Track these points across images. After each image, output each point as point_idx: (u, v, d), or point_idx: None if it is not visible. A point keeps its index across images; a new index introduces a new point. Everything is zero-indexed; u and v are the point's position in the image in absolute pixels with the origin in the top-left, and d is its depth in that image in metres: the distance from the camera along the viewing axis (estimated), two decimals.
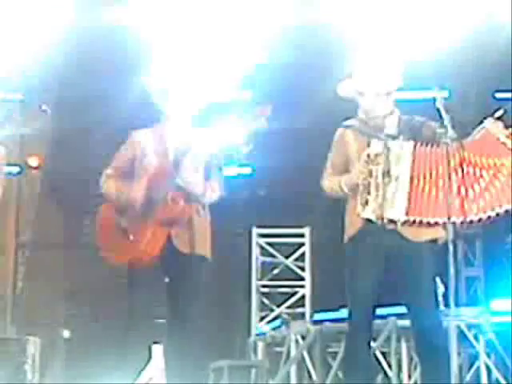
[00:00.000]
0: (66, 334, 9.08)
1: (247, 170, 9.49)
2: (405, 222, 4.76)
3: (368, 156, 4.80)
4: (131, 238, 4.75)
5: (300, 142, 8.13)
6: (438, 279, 6.73)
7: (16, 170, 8.76)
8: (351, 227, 4.91)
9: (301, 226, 9.23)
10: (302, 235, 9.27)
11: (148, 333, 4.83)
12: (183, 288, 4.79)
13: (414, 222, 4.76)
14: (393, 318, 6.79)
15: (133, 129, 5.07)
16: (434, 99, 4.96)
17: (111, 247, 4.86)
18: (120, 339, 4.88)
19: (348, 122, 5.08)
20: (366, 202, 4.77)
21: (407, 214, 4.74)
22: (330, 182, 5.02)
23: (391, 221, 4.75)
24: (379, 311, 5.08)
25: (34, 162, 4.82)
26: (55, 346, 8.81)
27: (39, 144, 8.21)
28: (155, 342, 4.89)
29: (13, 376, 5.78)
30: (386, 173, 4.78)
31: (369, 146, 4.85)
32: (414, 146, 4.77)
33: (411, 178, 4.75)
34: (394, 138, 4.88)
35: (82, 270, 9.28)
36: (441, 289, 6.92)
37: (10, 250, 8.15)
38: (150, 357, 4.80)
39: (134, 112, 5.16)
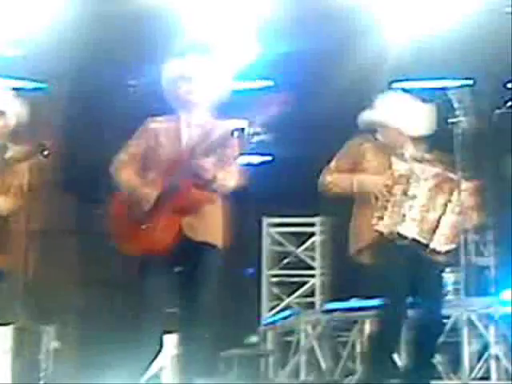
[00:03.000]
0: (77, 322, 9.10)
1: (258, 159, 9.45)
2: (414, 241, 4.89)
3: (393, 176, 4.88)
4: (144, 226, 4.72)
5: (314, 132, 8.06)
6: (448, 270, 6.76)
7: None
8: (362, 240, 5.07)
9: (312, 216, 9.19)
10: (312, 225, 9.24)
11: (159, 322, 4.78)
12: (194, 277, 4.79)
13: (422, 243, 4.96)
14: None
15: (148, 116, 5.03)
16: (447, 88, 5.01)
17: (123, 236, 4.84)
18: (132, 328, 4.85)
19: (367, 137, 5.19)
20: (382, 217, 4.90)
21: (418, 233, 4.97)
22: (337, 179, 5.10)
23: (402, 236, 4.85)
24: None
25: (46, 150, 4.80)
26: (67, 335, 8.80)
27: (50, 131, 8.19)
28: (167, 332, 4.86)
29: (27, 365, 5.77)
30: (405, 192, 4.88)
31: (391, 165, 4.95)
32: (436, 172, 5.01)
33: (426, 201, 4.97)
34: (418, 160, 5.08)
35: (94, 259, 9.26)
36: (451, 279, 6.94)
37: (21, 237, 8.13)
38: (161, 346, 4.77)
39: (150, 100, 5.12)
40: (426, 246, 4.98)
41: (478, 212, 5.17)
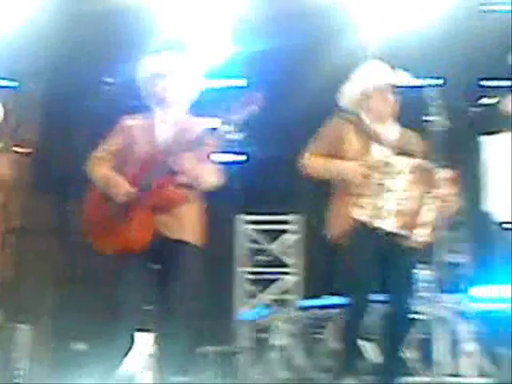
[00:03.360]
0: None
1: (238, 158, 9.46)
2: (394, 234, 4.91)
3: (371, 164, 4.87)
4: (120, 224, 4.71)
5: (289, 131, 8.06)
6: (423, 266, 6.81)
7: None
8: (340, 226, 5.02)
9: (287, 213, 9.20)
10: (288, 222, 9.24)
11: (134, 319, 4.78)
12: (171, 275, 4.79)
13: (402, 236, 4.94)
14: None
15: (124, 114, 5.02)
16: (423, 86, 5.03)
17: (99, 234, 4.82)
18: (107, 325, 4.85)
19: (350, 117, 5.10)
20: (360, 205, 4.87)
21: (398, 226, 4.92)
22: (315, 163, 5.06)
23: (381, 229, 4.89)
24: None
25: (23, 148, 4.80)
26: (43, 333, 8.76)
27: (28, 131, 8.14)
28: (143, 330, 4.86)
29: (2, 363, 5.73)
30: (383, 184, 4.87)
31: (369, 150, 4.96)
32: (414, 164, 4.94)
33: (405, 193, 4.92)
34: (397, 148, 5.01)
35: (70, 257, 9.21)
36: (425, 275, 6.99)
37: None
38: (132, 343, 4.77)
39: (125, 98, 5.12)
40: (407, 238, 4.96)
41: (457, 198, 5.09)
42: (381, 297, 5.14)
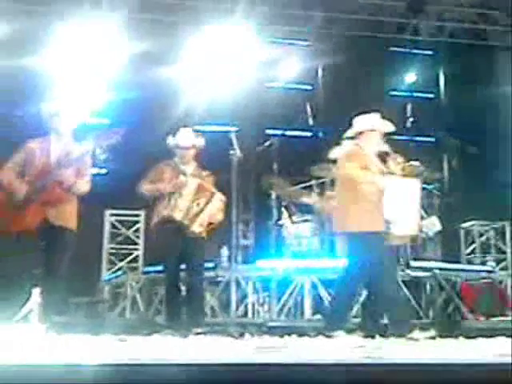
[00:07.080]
0: None
1: (103, 171, 9.24)
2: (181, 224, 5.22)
3: (176, 184, 5.24)
4: (19, 214, 4.56)
5: (138, 155, 8.03)
6: (224, 247, 6.91)
7: None
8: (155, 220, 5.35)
9: (138, 209, 9.13)
10: (138, 215, 9.17)
11: (28, 279, 4.63)
12: (55, 249, 4.67)
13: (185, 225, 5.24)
14: None
15: (29, 137, 4.87)
16: (228, 132, 5.17)
17: (2, 220, 4.63)
18: (6, 284, 4.67)
19: (168, 161, 5.36)
20: (166, 207, 5.26)
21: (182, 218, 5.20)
22: (146, 186, 5.33)
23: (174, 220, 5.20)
24: None
25: None
26: None
27: None
28: (35, 285, 4.69)
29: None
30: (180, 194, 5.26)
31: (178, 177, 5.24)
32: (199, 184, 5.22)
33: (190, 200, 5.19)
34: (194, 175, 5.30)
35: None
36: (226, 253, 7.09)
37: None
38: (29, 296, 4.59)
39: (33, 127, 4.99)
40: (188, 227, 5.16)
41: (223, 213, 5.38)
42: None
